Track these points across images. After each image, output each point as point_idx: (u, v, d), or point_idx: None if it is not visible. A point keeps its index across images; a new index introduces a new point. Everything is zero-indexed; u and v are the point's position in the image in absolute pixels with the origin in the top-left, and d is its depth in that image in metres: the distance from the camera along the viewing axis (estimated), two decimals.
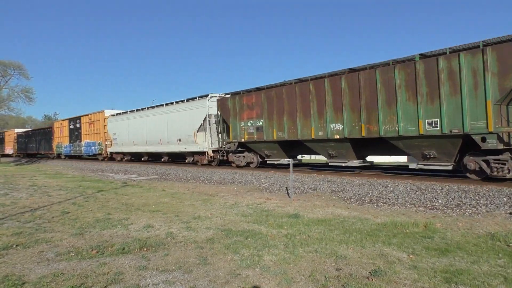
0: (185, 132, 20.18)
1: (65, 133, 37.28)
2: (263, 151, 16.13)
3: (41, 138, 44.98)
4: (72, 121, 36.18)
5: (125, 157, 28.95)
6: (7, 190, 13.19)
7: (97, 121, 31.09)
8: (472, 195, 8.29)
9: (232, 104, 16.87)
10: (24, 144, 50.51)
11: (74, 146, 35.25)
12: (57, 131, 39.40)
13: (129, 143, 26.56)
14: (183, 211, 8.54)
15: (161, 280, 4.25)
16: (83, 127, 33.64)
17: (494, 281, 3.97)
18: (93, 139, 31.69)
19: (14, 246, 5.76)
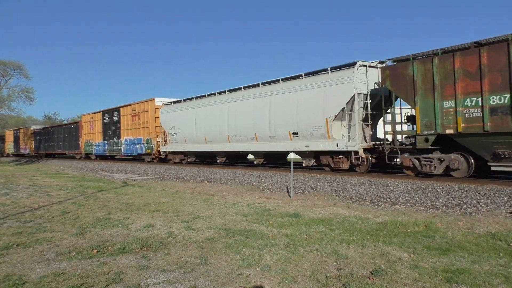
0: (307, 122, 13.74)
1: (97, 128, 31.24)
2: (495, 149, 9.28)
3: (64, 135, 38.88)
4: (107, 114, 29.88)
5: (188, 158, 22.05)
6: (8, 190, 13.20)
7: (144, 112, 24.66)
8: (473, 195, 8.28)
9: (422, 72, 10.29)
10: (43, 142, 44.53)
11: (110, 145, 29.11)
12: (86, 127, 33.44)
13: (197, 139, 19.63)
14: (184, 210, 8.54)
15: (161, 279, 4.25)
16: (124, 121, 27.13)
17: (495, 280, 3.96)
18: (137, 135, 25.35)
19: (14, 246, 5.76)
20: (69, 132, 38.03)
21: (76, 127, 36.50)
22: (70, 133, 37.61)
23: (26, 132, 50.05)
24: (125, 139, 26.88)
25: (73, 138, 36.94)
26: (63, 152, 40.05)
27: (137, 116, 25.57)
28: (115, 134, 28.37)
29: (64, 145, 38.93)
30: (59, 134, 40.35)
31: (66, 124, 41.49)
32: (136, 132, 25.54)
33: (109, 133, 29.28)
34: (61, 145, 39.72)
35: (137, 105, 25.89)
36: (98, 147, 31.27)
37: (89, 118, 33.02)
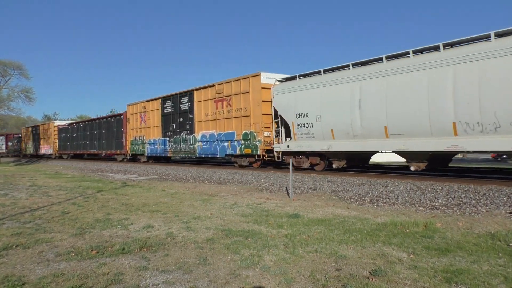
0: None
1: (153, 120, 23.74)
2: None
3: (100, 131, 31.54)
4: (170, 101, 22.14)
5: (335, 161, 13.88)
6: (7, 190, 13.18)
7: (240, 94, 16.91)
8: (472, 195, 8.29)
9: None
10: (70, 141, 37.98)
11: (175, 142, 21.53)
12: (134, 120, 26.07)
13: (359, 131, 12.01)
14: (183, 211, 8.53)
15: (161, 280, 4.25)
16: (199, 109, 19.43)
17: (494, 280, 3.96)
18: (225, 128, 17.80)
19: (14, 247, 5.75)
20: (107, 128, 30.37)
21: (117, 121, 28.66)
22: (109, 128, 29.93)
23: (47, 128, 42.73)
24: (202, 135, 19.07)
25: (113, 135, 29.20)
26: (97, 153, 32.68)
27: (226, 101, 17.68)
28: (184, 128, 20.64)
29: (100, 144, 31.46)
30: (92, 131, 33.08)
31: (103, 118, 32.11)
32: (223, 124, 17.79)
33: (173, 127, 21.55)
34: (94, 144, 32.46)
35: (225, 85, 17.84)
36: (153, 145, 23.63)
37: (139, 108, 25.19)
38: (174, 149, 21.86)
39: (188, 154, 20.92)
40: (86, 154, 35.86)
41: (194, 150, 20.15)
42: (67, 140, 39.02)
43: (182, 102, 21.19)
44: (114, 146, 29.40)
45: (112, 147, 29.70)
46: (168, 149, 22.39)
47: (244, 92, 16.79)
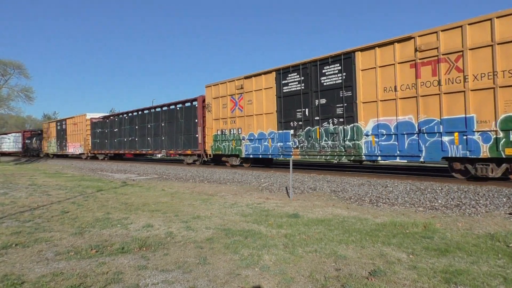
0: None
1: (259, 106, 16.02)
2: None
3: (157, 124, 23.85)
4: (296, 73, 14.46)
5: None
6: (7, 189, 13.18)
7: (484, 48, 9.34)
8: (472, 195, 8.29)
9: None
10: (110, 137, 30.37)
11: (309, 138, 13.97)
12: (217, 106, 18.44)
13: None
14: (183, 210, 8.53)
15: (160, 279, 4.25)
16: (368, 80, 12.10)
17: (493, 281, 3.96)
18: (442, 110, 10.17)
19: (13, 246, 5.75)
20: (168, 119, 22.86)
21: (187, 110, 21.12)
22: (173, 120, 22.41)
23: (76, 123, 35.42)
24: (375, 124, 11.84)
25: (179, 129, 21.72)
26: (152, 153, 25.07)
27: (447, 62, 10.11)
28: (330, 114, 13.21)
29: (156, 141, 24.05)
30: (143, 124, 25.65)
31: (162, 106, 23.97)
32: (436, 104, 10.34)
33: (303, 113, 14.07)
34: (148, 142, 24.94)
35: (444, 34, 10.17)
36: (257, 142, 16.09)
37: (230, 89, 17.54)
38: (306, 147, 14.00)
39: (340, 155, 12.94)
40: (134, 154, 28.63)
41: (357, 148, 12.34)
42: (104, 136, 31.39)
43: (326, 73, 13.32)
44: (181, 143, 21.54)
45: (178, 145, 21.75)
46: (293, 147, 14.52)
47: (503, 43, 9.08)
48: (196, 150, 20.43)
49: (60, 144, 39.50)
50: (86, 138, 33.90)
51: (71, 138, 36.93)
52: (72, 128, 36.67)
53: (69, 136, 37.25)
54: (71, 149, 36.78)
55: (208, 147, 19.43)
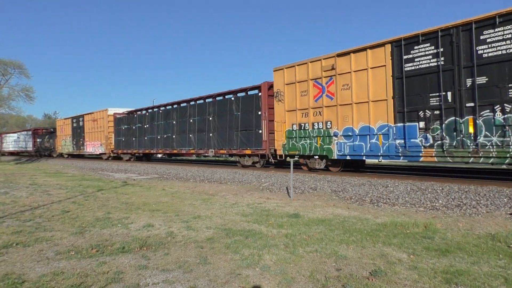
0: None
1: (359, 92, 12.28)
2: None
3: (203, 118, 19.92)
4: (432, 42, 10.34)
5: None
6: (7, 189, 13.19)
7: None
8: (473, 196, 8.28)
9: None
10: (138, 135, 26.29)
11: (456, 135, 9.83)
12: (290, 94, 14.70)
13: None
14: (183, 210, 8.53)
15: (161, 279, 4.24)
16: None
17: (494, 282, 3.96)
18: None
19: (14, 245, 5.75)
20: (218, 113, 18.86)
21: (245, 101, 17.27)
22: (224, 114, 18.43)
23: (97, 119, 31.35)
24: None
25: (234, 124, 17.68)
26: (193, 152, 21.18)
27: None
28: (501, 95, 9.16)
29: (202, 138, 19.93)
30: (183, 119, 21.61)
31: (211, 96, 19.96)
32: None
33: (444, 98, 10.16)
34: (190, 139, 20.86)
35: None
36: (360, 140, 12.35)
37: (313, 71, 13.82)
38: (449, 146, 10.07)
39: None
40: (171, 153, 23.77)
41: None
42: (131, 134, 27.20)
43: (489, 39, 9.34)
44: (236, 141, 17.65)
45: (233, 143, 17.85)
46: (424, 145, 10.60)
47: None
48: (259, 150, 16.30)
49: (76, 143, 35.56)
50: (108, 136, 29.71)
51: (89, 136, 32.80)
52: (90, 125, 32.55)
53: (87, 134, 33.18)
54: (90, 148, 32.74)
55: (278, 146, 15.22)
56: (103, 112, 30.65)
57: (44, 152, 44.75)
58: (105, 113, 30.27)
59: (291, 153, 14.65)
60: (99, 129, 31.26)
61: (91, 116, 32.60)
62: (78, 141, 35.21)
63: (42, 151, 44.85)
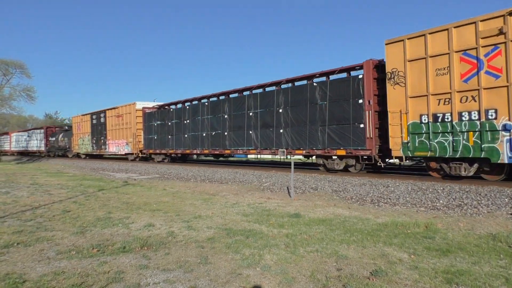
0: None
1: None
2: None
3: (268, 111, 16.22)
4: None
5: None
6: (8, 189, 13.21)
7: None
8: (474, 196, 8.27)
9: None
10: (175, 131, 22.35)
11: None
12: (420, 74, 10.69)
13: None
14: (184, 210, 8.54)
15: (161, 279, 4.25)
16: None
17: (495, 282, 3.95)
18: None
19: (15, 245, 5.76)
20: (292, 103, 15.12)
21: (338, 86, 13.41)
22: (301, 104, 14.70)
23: (123, 115, 27.16)
24: None
25: (319, 117, 13.98)
26: (254, 152, 17.45)
27: None
28: None
29: (265, 136, 16.37)
30: (239, 111, 17.91)
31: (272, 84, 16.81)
32: None
33: None
34: (250, 137, 17.19)
35: None
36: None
37: (439, 44, 10.33)
38: None
39: None
40: (221, 154, 19.72)
41: None
42: (165, 131, 23.03)
43: None
44: (321, 139, 13.91)
45: (316, 142, 14.10)
46: None
47: None
48: (359, 150, 12.63)
49: (96, 141, 31.41)
50: (136, 134, 25.67)
51: (112, 134, 28.75)
52: (114, 121, 28.51)
53: (110, 131, 29.20)
54: (113, 147, 28.66)
55: (394, 145, 11.50)
56: (129, 107, 26.48)
57: (57, 152, 41.07)
58: (132, 108, 26.13)
59: (419, 154, 11.03)
60: (124, 126, 27.09)
61: (115, 111, 28.44)
62: (98, 139, 31.06)
63: (56, 151, 41.21)
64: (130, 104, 26.73)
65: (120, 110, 27.86)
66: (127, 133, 26.94)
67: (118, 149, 28.27)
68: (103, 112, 30.58)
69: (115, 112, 28.56)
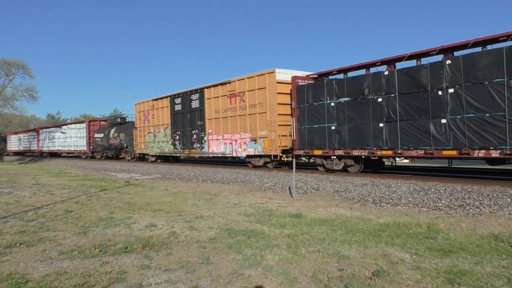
0: None
1: None
2: None
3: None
4: None
5: None
6: (11, 189, 13.25)
7: None
8: (476, 196, 8.25)
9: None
10: (369, 117, 11.67)
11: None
12: None
13: None
14: (186, 210, 8.55)
15: (163, 279, 4.26)
16: None
17: (497, 282, 3.95)
18: None
19: (17, 245, 5.78)
20: None
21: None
22: None
23: (242, 93, 16.86)
24: None
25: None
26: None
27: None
28: None
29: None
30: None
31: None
32: None
33: None
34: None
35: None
36: None
37: None
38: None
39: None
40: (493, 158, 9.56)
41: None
42: (363, 115, 12.03)
43: None
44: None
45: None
46: None
47: None
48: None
49: (183, 137, 20.95)
50: (277, 123, 15.21)
51: (218, 126, 18.46)
52: (222, 104, 18.20)
53: (210, 121, 18.98)
54: (218, 146, 18.50)
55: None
56: (260, 79, 16.05)
57: (107, 153, 31.97)
58: (266, 79, 15.70)
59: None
60: (248, 110, 16.62)
61: (224, 89, 18.02)
62: (186, 134, 20.64)
63: (104, 151, 32.12)
64: (260, 73, 16.01)
65: (237, 86, 17.23)
66: (254, 122, 16.26)
67: (231, 149, 17.69)
68: (197, 91, 19.83)
69: (225, 89, 17.90)
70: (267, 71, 15.76)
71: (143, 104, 25.63)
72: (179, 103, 21.75)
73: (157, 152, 23.86)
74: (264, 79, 15.87)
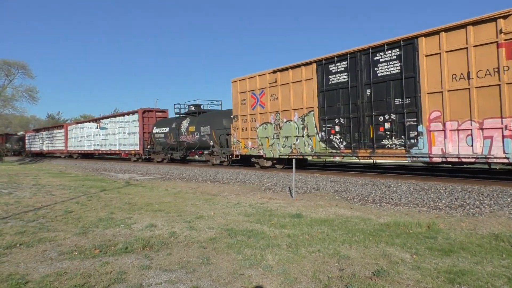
0: None
1: None
2: None
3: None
4: None
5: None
6: (11, 189, 13.25)
7: None
8: (476, 195, 8.25)
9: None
10: None
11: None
12: None
13: None
14: (186, 210, 8.55)
15: (163, 279, 4.26)
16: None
17: (497, 281, 3.95)
18: None
19: (17, 245, 5.78)
20: None
21: None
22: None
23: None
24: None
25: None
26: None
27: None
28: None
29: None
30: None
31: None
32: None
33: None
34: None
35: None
36: None
37: None
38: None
39: None
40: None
41: None
42: None
43: None
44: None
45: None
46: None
47: None
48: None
49: (351, 128, 12.20)
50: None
51: (464, 104, 9.41)
52: (479, 59, 9.06)
53: (435, 98, 10.08)
54: (461, 142, 9.49)
55: None
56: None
57: (174, 154, 23.19)
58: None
59: None
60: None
61: (488, 31, 8.98)
62: (360, 123, 12.02)
63: (170, 151, 23.54)
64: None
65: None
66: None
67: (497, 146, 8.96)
68: (396, 44, 10.97)
69: (489, 32, 8.99)
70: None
71: (250, 81, 16.30)
72: (339, 72, 12.90)
73: (284, 153, 14.78)
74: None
